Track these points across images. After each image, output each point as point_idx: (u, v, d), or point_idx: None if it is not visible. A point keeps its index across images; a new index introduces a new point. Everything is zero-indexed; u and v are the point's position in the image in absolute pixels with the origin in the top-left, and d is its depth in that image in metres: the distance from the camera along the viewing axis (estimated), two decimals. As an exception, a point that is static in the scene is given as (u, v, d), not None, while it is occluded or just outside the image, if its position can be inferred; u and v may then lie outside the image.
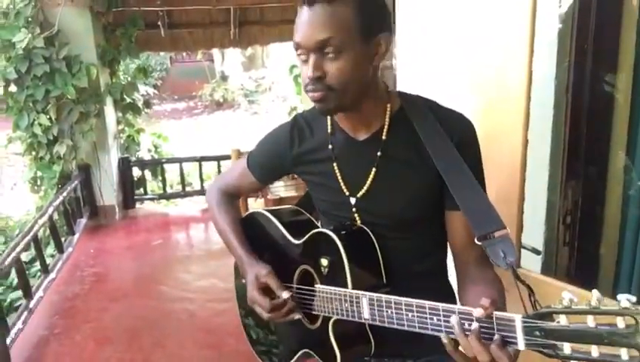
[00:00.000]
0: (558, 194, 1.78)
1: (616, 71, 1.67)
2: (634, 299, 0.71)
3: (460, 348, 0.92)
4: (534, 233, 1.73)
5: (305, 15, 1.06)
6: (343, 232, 1.17)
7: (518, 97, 1.48)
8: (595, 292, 0.74)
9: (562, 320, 0.78)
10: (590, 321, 0.74)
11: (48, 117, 5.14)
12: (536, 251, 1.67)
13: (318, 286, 1.20)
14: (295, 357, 1.34)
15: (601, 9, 1.69)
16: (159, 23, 6.29)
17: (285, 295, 1.22)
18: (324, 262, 1.18)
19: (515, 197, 1.53)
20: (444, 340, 0.92)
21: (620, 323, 0.72)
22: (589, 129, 1.74)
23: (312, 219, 1.40)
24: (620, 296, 0.71)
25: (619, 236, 1.71)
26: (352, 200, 1.20)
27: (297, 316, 1.25)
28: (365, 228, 1.20)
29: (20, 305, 3.68)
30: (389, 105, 1.18)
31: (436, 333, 0.95)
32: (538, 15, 1.44)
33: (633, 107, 1.63)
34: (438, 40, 1.88)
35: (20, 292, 3.73)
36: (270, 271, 1.25)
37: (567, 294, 0.77)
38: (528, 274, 1.52)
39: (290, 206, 1.48)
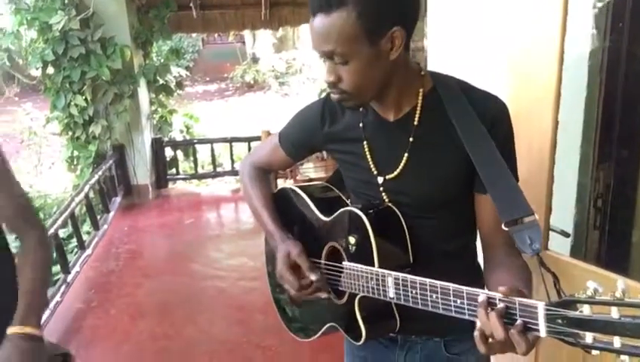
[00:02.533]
0: (589, 177, 1.75)
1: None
2: None
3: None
4: (564, 215, 1.71)
5: (312, 25, 1.06)
6: (371, 211, 1.18)
7: (549, 77, 1.46)
8: (620, 283, 0.73)
9: (585, 310, 0.77)
10: (614, 312, 0.74)
11: (84, 98, 5.27)
12: (565, 234, 1.65)
13: (346, 264, 1.22)
14: (322, 330, 1.36)
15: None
16: (191, 4, 6.33)
17: (314, 277, 1.23)
18: (352, 240, 1.19)
19: (545, 179, 1.51)
20: (475, 333, 0.92)
21: None
22: (623, 110, 1.70)
23: (342, 196, 1.41)
24: None
25: (651, 220, 1.68)
26: (380, 180, 1.21)
27: (324, 295, 1.28)
28: (394, 207, 1.20)
29: (59, 279, 3.83)
30: (421, 90, 1.16)
31: (460, 316, 0.96)
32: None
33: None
34: (469, 20, 1.86)
35: (58, 267, 3.87)
36: (301, 250, 1.27)
37: (592, 284, 0.77)
38: (557, 256, 1.51)
39: (321, 182, 1.49)
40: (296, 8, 6.83)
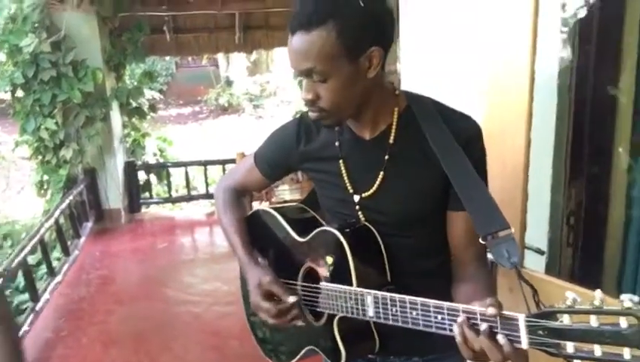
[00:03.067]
0: (562, 195, 1.78)
1: (619, 71, 1.68)
2: (637, 298, 0.71)
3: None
4: (538, 233, 1.73)
5: (290, 42, 1.06)
6: (348, 230, 1.17)
7: (521, 97, 1.49)
8: (599, 293, 0.74)
9: (565, 320, 0.78)
10: (593, 321, 0.75)
11: (55, 121, 5.18)
12: (540, 251, 1.67)
13: (323, 284, 1.20)
14: (300, 354, 1.34)
15: (604, 11, 1.70)
16: (165, 27, 6.34)
17: (292, 299, 1.22)
18: (329, 260, 1.18)
19: (519, 197, 1.53)
20: (457, 336, 0.92)
21: (623, 322, 0.72)
22: (592, 129, 1.74)
23: (317, 216, 1.40)
24: (622, 296, 0.72)
25: (622, 236, 1.71)
26: (356, 198, 1.21)
27: (301, 322, 1.26)
28: (370, 226, 1.19)
29: (27, 308, 3.70)
30: (396, 109, 1.17)
31: (441, 331, 0.95)
32: (541, 16, 1.45)
33: (636, 107, 1.64)
34: (441, 43, 1.89)
35: (26, 295, 3.74)
36: (273, 277, 1.25)
37: (571, 294, 0.78)
38: (532, 274, 1.52)
39: (295, 203, 1.48)
40: (269, 32, 6.89)
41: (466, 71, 1.75)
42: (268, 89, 15.48)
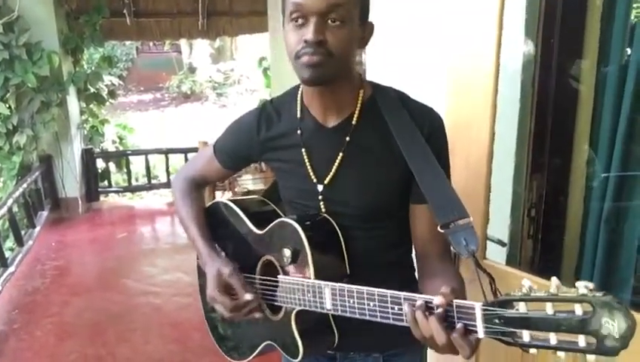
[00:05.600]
0: (523, 187, 1.80)
1: (580, 65, 1.70)
2: (592, 285, 0.71)
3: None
4: (500, 225, 1.75)
5: None
6: (307, 222, 1.16)
7: (485, 91, 1.49)
8: (554, 280, 0.74)
9: (521, 308, 0.78)
10: (549, 308, 0.74)
11: (7, 106, 4.99)
12: (501, 243, 1.69)
13: (281, 277, 1.19)
14: (258, 350, 1.32)
15: (567, 3, 1.72)
16: (125, 11, 6.15)
17: (248, 296, 1.19)
18: (287, 252, 1.16)
19: (482, 189, 1.54)
20: (408, 317, 0.91)
21: (578, 310, 0.72)
22: (554, 122, 1.77)
23: (277, 209, 1.38)
24: (578, 283, 0.72)
25: (581, 228, 1.74)
26: (320, 188, 1.19)
27: (259, 315, 1.24)
28: (329, 218, 1.18)
29: (-23, 299, 3.57)
30: (361, 92, 1.17)
31: (398, 323, 0.95)
32: (505, 9, 1.45)
33: (596, 101, 1.67)
34: (407, 36, 1.88)
35: (-24, 287, 3.61)
36: (233, 269, 1.22)
37: (527, 282, 0.77)
38: (493, 265, 1.54)
39: (255, 196, 1.46)
40: (234, 19, 6.78)
41: (431, 64, 1.74)
42: (232, 77, 15.28)
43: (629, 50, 1.67)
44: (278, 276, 1.20)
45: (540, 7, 1.74)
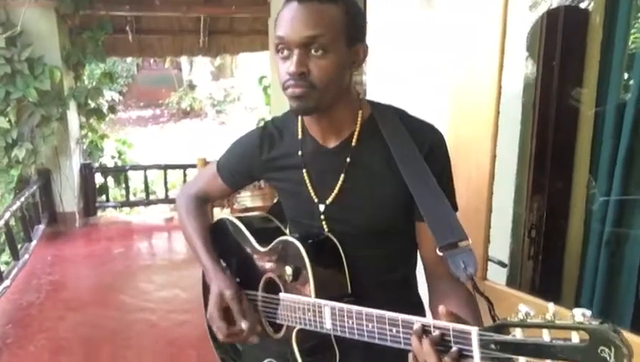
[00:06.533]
0: (524, 208, 1.81)
1: (581, 88, 1.72)
2: (589, 313, 0.71)
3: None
4: (501, 246, 1.75)
5: (294, 10, 1.04)
6: (310, 241, 1.16)
7: (487, 112, 1.50)
8: (551, 306, 0.74)
9: (518, 334, 0.77)
10: (545, 335, 0.74)
11: (7, 119, 4.99)
12: (502, 264, 1.69)
13: (282, 295, 1.18)
14: None
15: (567, 28, 1.74)
16: (127, 28, 6.20)
17: (244, 325, 1.19)
18: (289, 270, 1.16)
19: (483, 210, 1.54)
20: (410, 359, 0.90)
21: (575, 337, 0.71)
22: (555, 144, 1.78)
23: (281, 226, 1.38)
24: (575, 310, 0.71)
25: (581, 250, 1.74)
26: (321, 208, 1.19)
27: (255, 340, 1.23)
28: (332, 236, 1.18)
29: (-29, 313, 3.53)
30: (360, 113, 1.17)
31: (395, 345, 0.94)
32: (507, 32, 1.47)
33: (597, 124, 1.68)
34: (408, 57, 1.90)
35: (-29, 300, 3.57)
36: (236, 291, 1.22)
37: (524, 307, 0.77)
38: (494, 286, 1.54)
39: (260, 213, 1.46)
40: (235, 37, 6.84)
41: (433, 86, 1.76)
42: (232, 94, 15.34)
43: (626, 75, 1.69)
44: (280, 294, 1.19)
45: (541, 29, 1.76)
